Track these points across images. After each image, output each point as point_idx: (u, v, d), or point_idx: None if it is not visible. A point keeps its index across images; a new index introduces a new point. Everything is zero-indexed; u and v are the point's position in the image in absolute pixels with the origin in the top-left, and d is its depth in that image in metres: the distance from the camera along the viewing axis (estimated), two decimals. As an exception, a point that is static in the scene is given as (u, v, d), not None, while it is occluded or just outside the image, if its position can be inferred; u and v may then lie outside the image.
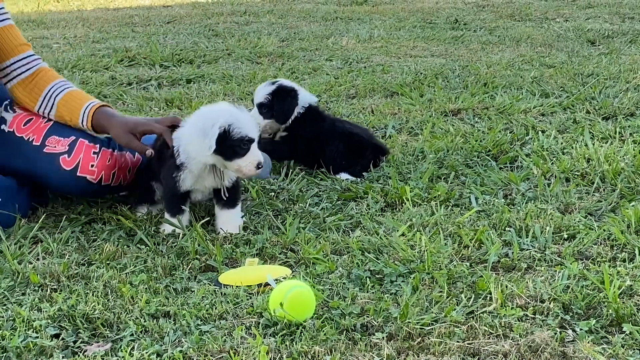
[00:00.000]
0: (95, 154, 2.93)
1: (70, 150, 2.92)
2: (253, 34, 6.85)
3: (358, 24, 7.46)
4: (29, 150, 2.94)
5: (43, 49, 6.17)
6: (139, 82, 5.16)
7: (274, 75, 5.28)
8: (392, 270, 2.51)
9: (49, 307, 2.30)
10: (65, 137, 2.95)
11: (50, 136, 2.95)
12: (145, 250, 2.72)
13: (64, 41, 6.51)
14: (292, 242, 2.76)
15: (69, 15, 8.30)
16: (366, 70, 5.40)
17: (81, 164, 2.91)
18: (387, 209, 3.10)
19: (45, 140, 2.94)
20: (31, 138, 2.95)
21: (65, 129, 2.97)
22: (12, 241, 2.77)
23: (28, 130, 2.96)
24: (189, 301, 2.36)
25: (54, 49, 6.17)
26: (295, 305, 2.22)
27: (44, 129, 2.97)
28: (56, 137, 2.94)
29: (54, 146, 2.93)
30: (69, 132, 2.96)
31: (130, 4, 9.43)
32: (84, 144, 2.94)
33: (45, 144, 2.94)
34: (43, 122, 2.98)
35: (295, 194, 3.20)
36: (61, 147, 2.93)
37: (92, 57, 5.81)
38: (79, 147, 2.93)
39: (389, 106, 4.45)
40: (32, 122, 2.98)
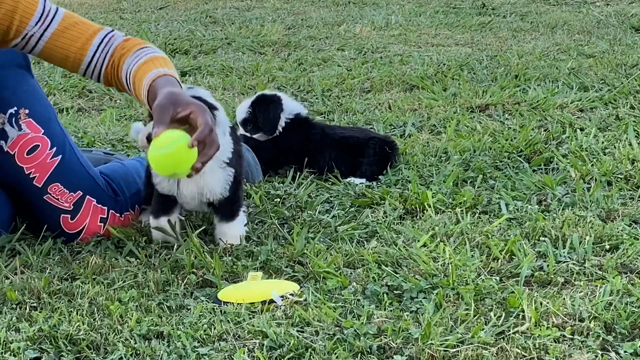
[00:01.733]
0: (103, 221, 2.96)
1: (75, 212, 2.93)
2: (255, 21, 6.86)
3: (373, 9, 7.47)
4: (29, 188, 2.93)
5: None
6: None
7: (279, 67, 5.29)
8: (413, 285, 2.51)
9: (28, 327, 2.30)
10: (71, 192, 2.94)
11: (54, 183, 2.93)
12: (135, 263, 2.73)
13: (44, 30, 6.52)
14: (300, 254, 2.76)
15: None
16: (382, 61, 5.41)
17: (85, 232, 2.94)
18: (406, 216, 3.10)
19: (48, 187, 2.93)
20: (33, 175, 2.93)
21: (72, 177, 2.94)
22: (-14, 254, 2.78)
23: (31, 162, 2.93)
24: (185, 320, 2.36)
25: (33, 39, 6.18)
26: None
27: (48, 167, 2.94)
28: (60, 187, 2.93)
29: (57, 198, 2.93)
30: (76, 185, 2.95)
31: (118, -13, 9.46)
32: (91, 204, 2.95)
33: (48, 191, 2.93)
34: (50, 155, 2.94)
35: (304, 200, 3.21)
36: (65, 203, 2.93)
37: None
38: (86, 208, 2.94)
39: (409, 101, 4.45)
40: (37, 152, 2.94)
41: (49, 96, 4.60)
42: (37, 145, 2.97)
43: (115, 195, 3.01)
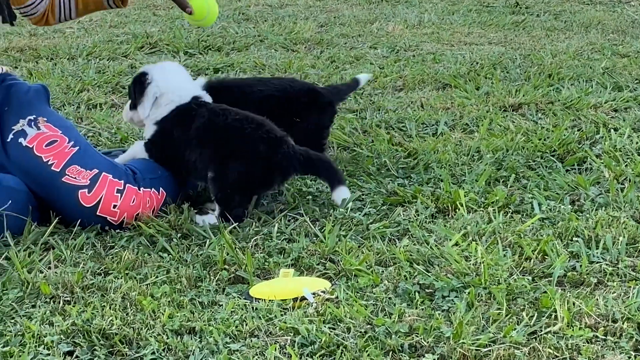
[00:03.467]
0: (119, 192, 2.97)
1: (92, 185, 2.95)
2: (288, 18, 6.87)
3: (406, 7, 7.46)
4: (46, 174, 2.96)
5: (55, 34, 6.23)
6: (161, 72, 5.19)
7: (311, 64, 5.30)
8: (444, 284, 2.51)
9: (62, 321, 2.32)
10: (88, 169, 2.97)
11: (72, 165, 2.97)
12: (167, 259, 2.74)
13: (78, 26, 6.57)
14: (332, 252, 2.76)
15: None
16: (415, 59, 5.40)
17: (102, 203, 2.95)
18: (438, 215, 3.09)
19: (66, 169, 2.96)
20: (51, 162, 2.97)
21: (89, 160, 2.99)
22: (21, 247, 2.80)
23: (49, 152, 2.98)
24: (217, 316, 2.37)
25: (67, 35, 6.23)
26: None
27: (67, 155, 2.98)
28: (78, 167, 2.97)
29: (74, 177, 2.96)
30: (92, 164, 2.99)
31: (152, -16, 9.49)
32: (107, 178, 2.97)
33: (66, 172, 2.96)
34: (68, 146, 3.00)
35: (336, 198, 3.21)
36: (82, 179, 2.96)
37: (109, 43, 5.86)
38: (102, 182, 2.96)
39: (441, 100, 4.45)
40: (56, 144, 3.00)
41: (82, 92, 4.63)
42: (55, 140, 3.02)
43: (134, 173, 3.04)
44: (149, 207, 3.01)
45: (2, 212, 2.85)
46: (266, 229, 2.96)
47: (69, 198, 2.94)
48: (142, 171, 3.05)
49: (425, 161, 3.57)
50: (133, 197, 2.98)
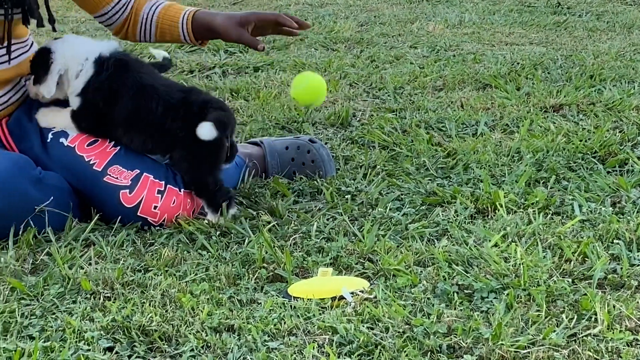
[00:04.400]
0: (160, 193, 2.98)
1: (133, 186, 2.97)
2: (328, 18, 6.87)
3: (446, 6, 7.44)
4: (87, 174, 2.99)
5: (97, 31, 6.28)
6: (201, 70, 5.22)
7: (351, 64, 5.30)
8: (483, 285, 2.50)
9: (102, 317, 2.34)
10: (130, 170, 2.99)
11: (114, 165, 2.99)
12: (207, 256, 2.75)
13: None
14: (370, 251, 2.76)
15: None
16: (455, 59, 5.39)
17: (143, 204, 2.96)
18: (477, 216, 3.09)
19: (108, 169, 2.99)
20: (93, 161, 2.99)
21: (130, 160, 3.01)
22: (62, 243, 2.83)
23: (91, 152, 3.01)
24: (255, 314, 2.38)
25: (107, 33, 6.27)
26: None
27: (108, 154, 3.01)
28: (119, 168, 2.99)
29: (115, 177, 2.98)
30: (133, 164, 3.01)
31: (193, -18, 9.53)
32: (148, 179, 2.99)
33: (107, 172, 2.98)
34: (109, 146, 3.03)
35: (374, 198, 3.21)
36: (123, 179, 2.98)
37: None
38: (143, 182, 2.98)
39: (481, 100, 4.43)
40: (97, 144, 3.03)
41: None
42: (96, 140, 3.05)
43: (174, 174, 3.05)
44: (189, 208, 3.03)
45: (44, 209, 2.88)
46: (305, 227, 2.97)
47: (110, 198, 2.97)
48: None
49: (465, 161, 3.56)
50: (174, 198, 3.00)
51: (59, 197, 2.93)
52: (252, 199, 3.23)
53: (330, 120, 4.17)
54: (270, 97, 4.54)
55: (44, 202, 2.88)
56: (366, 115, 4.27)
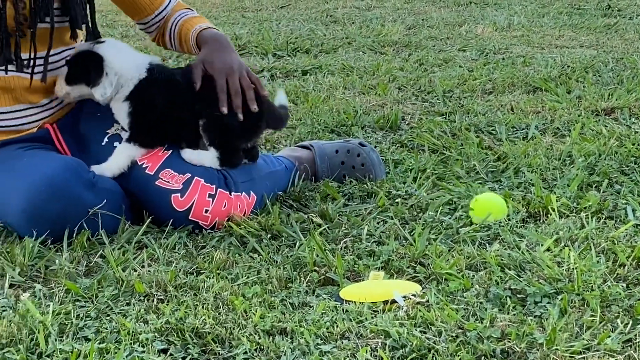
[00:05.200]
0: (211, 197, 3.00)
1: (184, 190, 2.99)
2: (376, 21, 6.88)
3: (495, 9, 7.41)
4: (140, 177, 3.02)
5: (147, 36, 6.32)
6: (250, 74, 5.23)
7: (399, 67, 5.30)
8: (536, 289, 2.49)
9: (156, 319, 2.36)
10: (181, 174, 3.02)
11: (166, 169, 3.02)
12: (258, 259, 2.77)
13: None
14: (422, 255, 2.76)
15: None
16: (505, 62, 5.37)
17: (194, 208, 2.98)
18: (529, 220, 3.07)
19: (160, 172, 3.01)
20: (145, 165, 3.03)
21: (182, 164, 3.04)
22: (115, 246, 2.85)
23: (144, 155, 3.05)
24: (308, 317, 2.39)
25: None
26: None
27: (160, 158, 3.04)
28: (171, 171, 3.02)
29: (167, 180, 3.00)
30: (185, 168, 3.03)
31: (240, -14, 9.58)
32: (199, 183, 3.01)
33: (159, 176, 3.01)
34: (161, 150, 3.06)
35: (425, 201, 3.21)
36: (175, 183, 3.00)
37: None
38: (194, 186, 3.00)
39: (531, 103, 4.42)
40: None
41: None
42: None
43: (225, 178, 3.07)
44: (240, 211, 3.05)
45: (97, 212, 2.91)
46: (355, 231, 2.97)
47: (161, 201, 2.99)
48: (233, 175, 3.08)
49: (516, 165, 3.55)
50: (224, 201, 3.02)
51: (112, 201, 2.96)
52: (303, 202, 3.24)
53: (379, 123, 4.17)
54: (319, 100, 4.55)
55: (98, 205, 2.91)
56: (415, 119, 4.27)
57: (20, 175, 2.91)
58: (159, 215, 3.01)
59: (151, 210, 3.02)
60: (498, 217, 3.03)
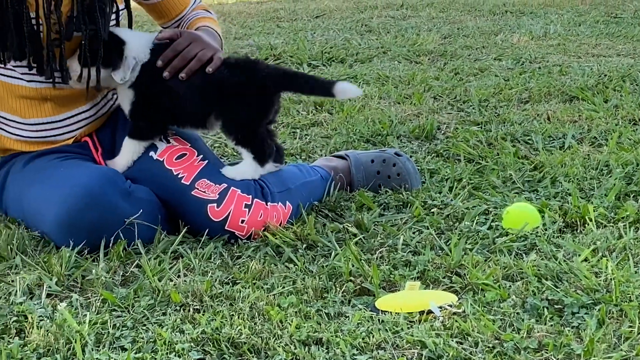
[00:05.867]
0: (247, 207, 3.01)
1: (221, 200, 3.00)
2: (411, 30, 6.88)
3: (531, 18, 7.39)
4: (176, 187, 3.03)
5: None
6: (285, 83, 5.24)
7: (435, 76, 5.29)
8: (574, 300, 2.48)
9: (192, 329, 2.36)
10: (217, 184, 3.02)
11: (202, 179, 3.03)
12: (294, 269, 2.77)
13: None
14: (458, 265, 2.75)
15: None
16: (541, 71, 5.35)
17: (231, 218, 2.99)
18: (566, 230, 3.06)
19: (196, 183, 3.02)
20: (181, 175, 3.04)
21: (218, 174, 3.05)
22: (151, 255, 2.87)
23: (179, 165, 3.05)
24: (343, 328, 2.38)
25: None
26: None
27: (196, 168, 3.05)
28: (207, 181, 3.03)
29: (203, 190, 3.01)
30: (221, 178, 3.04)
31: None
32: (235, 193, 3.01)
33: (195, 186, 3.02)
34: (197, 160, 3.07)
35: (461, 211, 3.20)
36: (211, 193, 3.01)
37: (234, 55, 5.95)
38: (230, 197, 3.01)
39: (568, 112, 4.39)
40: (185, 157, 3.07)
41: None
42: (184, 153, 3.09)
43: (261, 188, 3.07)
44: (276, 221, 3.05)
45: (133, 222, 2.93)
46: (391, 241, 2.97)
47: (198, 211, 3.00)
48: (269, 185, 3.09)
49: (552, 175, 3.53)
50: (261, 211, 3.02)
51: (148, 210, 2.98)
52: (338, 212, 3.24)
53: (414, 133, 4.17)
54: (354, 110, 4.55)
55: (134, 214, 2.93)
56: (451, 128, 4.26)
57: (56, 184, 2.93)
58: (195, 225, 3.02)
59: (187, 220, 3.03)
60: (532, 226, 3.02)
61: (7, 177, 3.14)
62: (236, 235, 3.00)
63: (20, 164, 3.11)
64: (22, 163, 3.11)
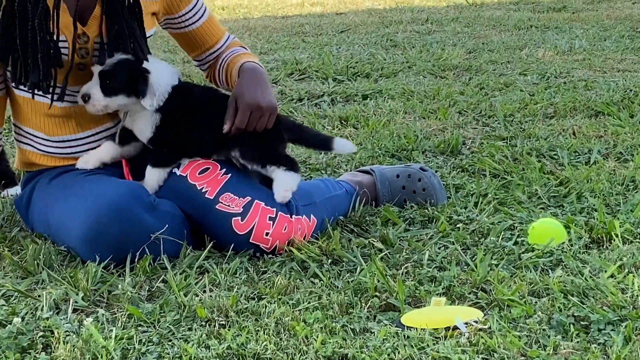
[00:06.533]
0: (272, 219, 3.01)
1: (245, 213, 3.00)
2: (436, 45, 6.87)
3: (556, 33, 7.36)
4: (200, 201, 3.03)
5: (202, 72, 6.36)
6: (310, 98, 5.26)
7: (460, 91, 5.28)
8: (600, 316, 2.46)
9: (218, 344, 2.36)
10: (241, 197, 3.02)
11: (226, 192, 3.03)
12: (319, 285, 2.77)
13: (229, 53, 6.70)
14: (484, 281, 2.74)
15: (235, 24, 8.56)
16: (566, 86, 5.33)
17: (255, 231, 2.99)
18: (592, 245, 3.04)
19: (220, 197, 3.02)
20: (205, 189, 3.04)
21: (242, 187, 3.05)
22: (177, 271, 2.87)
23: (203, 180, 3.06)
24: (369, 343, 2.38)
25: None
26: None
27: (220, 182, 3.05)
28: (231, 195, 3.03)
29: (227, 204, 3.01)
30: (245, 191, 3.04)
31: (301, 11, 9.63)
32: (259, 206, 3.02)
33: (219, 200, 3.02)
34: (220, 174, 3.07)
35: (486, 226, 3.19)
36: (235, 207, 3.01)
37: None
38: (255, 210, 3.01)
39: (594, 128, 4.37)
40: (208, 172, 3.08)
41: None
42: (207, 167, 3.09)
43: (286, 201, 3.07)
44: (300, 234, 3.05)
45: (159, 236, 2.93)
46: (417, 256, 2.96)
47: (222, 225, 3.00)
48: (294, 198, 3.09)
49: (578, 190, 3.51)
50: (285, 224, 3.02)
51: (173, 225, 2.98)
52: (363, 227, 3.24)
53: (440, 148, 4.16)
54: (379, 125, 4.55)
55: (159, 229, 2.93)
56: (476, 143, 4.25)
57: (81, 200, 2.94)
58: (219, 238, 3.02)
59: (212, 233, 3.03)
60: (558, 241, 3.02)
61: (33, 193, 3.16)
62: (261, 248, 3.00)
63: (47, 179, 3.13)
64: (48, 179, 3.13)
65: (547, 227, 3.07)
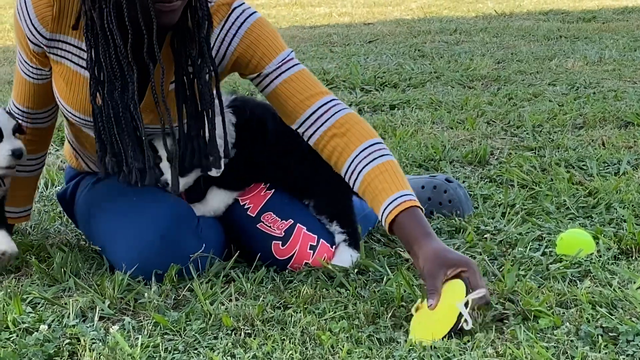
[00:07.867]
0: (312, 248, 2.98)
1: (286, 238, 2.98)
2: (464, 55, 6.86)
3: (585, 43, 7.34)
4: (242, 218, 3.02)
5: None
6: (338, 108, 5.25)
7: (488, 101, 5.27)
8: (629, 328, 2.44)
9: (243, 353, 2.37)
10: (283, 220, 3.00)
11: (268, 212, 3.01)
12: (345, 294, 2.76)
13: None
14: (511, 292, 2.73)
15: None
16: (596, 96, 5.31)
17: (295, 258, 2.98)
18: (621, 256, 3.02)
19: (262, 215, 3.01)
20: (247, 206, 3.03)
21: (284, 207, 3.01)
22: (203, 279, 2.88)
23: (246, 195, 3.04)
24: (395, 353, 2.37)
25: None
26: None
27: (262, 199, 3.03)
28: (273, 215, 3.00)
29: (269, 225, 2.99)
30: (288, 213, 3.00)
31: (328, 21, 9.65)
32: (301, 231, 2.99)
33: (261, 219, 3.01)
34: (263, 190, 3.05)
35: (514, 237, 3.18)
36: (277, 230, 2.99)
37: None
38: (296, 235, 2.98)
39: (623, 138, 4.35)
40: (251, 188, 3.06)
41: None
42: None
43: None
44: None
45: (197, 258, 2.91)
46: (443, 266, 2.95)
47: (262, 246, 2.98)
48: None
49: (607, 201, 3.50)
50: (325, 255, 2.99)
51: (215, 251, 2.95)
52: (390, 237, 3.24)
53: (467, 158, 4.15)
54: (406, 135, 4.55)
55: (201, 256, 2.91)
56: (504, 154, 4.24)
57: (130, 222, 2.90)
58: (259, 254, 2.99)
59: (250, 250, 3.01)
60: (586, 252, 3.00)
61: (78, 188, 3.16)
62: None
63: (91, 180, 3.13)
64: (92, 180, 3.12)
65: (576, 238, 3.06)
